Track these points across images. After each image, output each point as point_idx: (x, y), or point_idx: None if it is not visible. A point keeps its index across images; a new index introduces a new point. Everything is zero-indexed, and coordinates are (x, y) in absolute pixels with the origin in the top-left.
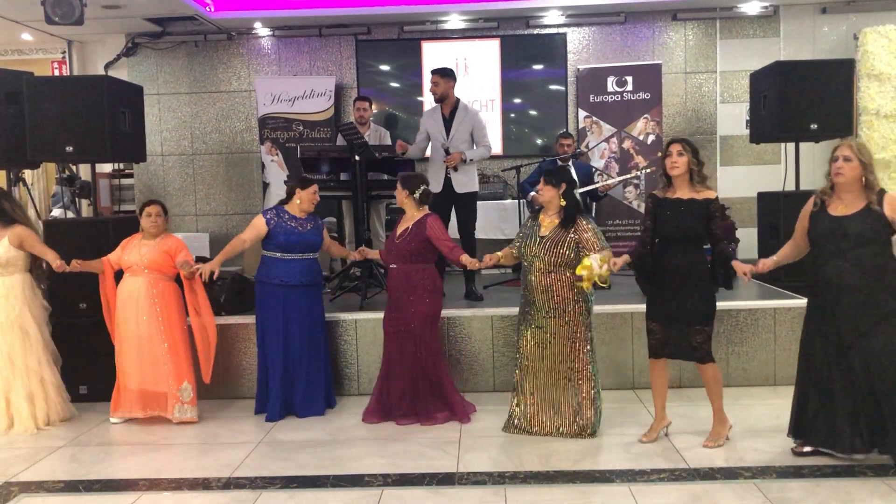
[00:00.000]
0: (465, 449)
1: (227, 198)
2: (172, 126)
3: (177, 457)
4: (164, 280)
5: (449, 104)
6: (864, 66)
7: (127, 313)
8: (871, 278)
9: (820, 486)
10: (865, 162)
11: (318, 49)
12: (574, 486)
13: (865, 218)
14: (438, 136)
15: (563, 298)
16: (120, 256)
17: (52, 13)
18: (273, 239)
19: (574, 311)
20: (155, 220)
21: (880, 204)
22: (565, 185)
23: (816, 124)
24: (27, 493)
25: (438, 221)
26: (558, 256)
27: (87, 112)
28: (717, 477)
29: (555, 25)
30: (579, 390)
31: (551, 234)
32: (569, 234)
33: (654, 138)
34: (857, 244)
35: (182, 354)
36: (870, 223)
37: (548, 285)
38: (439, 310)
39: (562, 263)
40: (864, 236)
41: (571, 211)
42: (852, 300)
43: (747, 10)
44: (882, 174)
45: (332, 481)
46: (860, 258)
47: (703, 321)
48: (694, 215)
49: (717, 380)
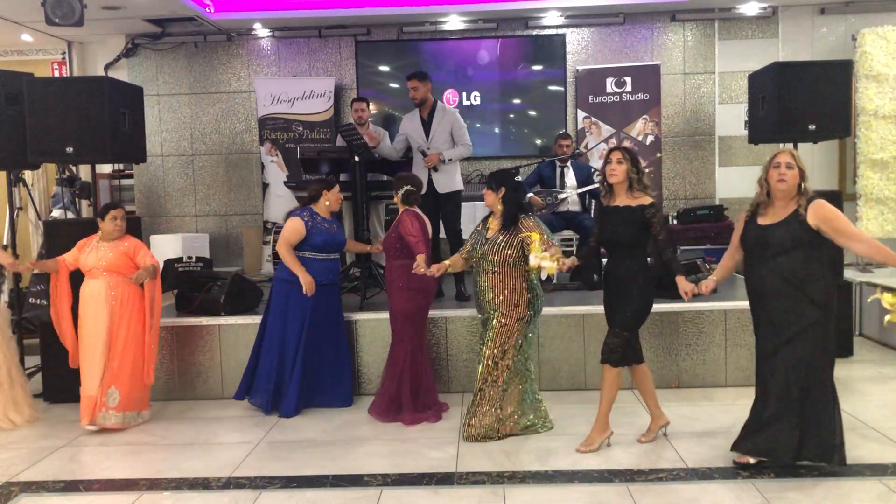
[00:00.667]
0: (464, 449)
1: (226, 198)
2: (172, 127)
3: (177, 456)
4: (123, 282)
5: (427, 107)
6: (863, 66)
7: (86, 317)
8: (792, 287)
9: (818, 485)
10: (803, 170)
11: (317, 50)
12: (573, 485)
13: (788, 226)
14: (418, 140)
15: (507, 299)
16: (77, 257)
17: (53, 14)
18: (309, 240)
19: (516, 311)
20: (119, 225)
21: (806, 212)
22: (504, 188)
23: (815, 125)
24: (28, 493)
25: (412, 217)
26: (502, 257)
27: (88, 113)
28: (716, 477)
29: (554, 26)
30: (515, 390)
31: (495, 235)
32: (512, 235)
33: (653, 139)
34: (779, 252)
35: (120, 358)
36: (792, 232)
37: (492, 285)
38: (416, 307)
39: (505, 263)
40: (784, 245)
41: (511, 213)
42: (776, 307)
43: (746, 10)
44: (880, 175)
45: (332, 481)
46: (781, 266)
47: (623, 326)
48: (628, 222)
49: (612, 386)
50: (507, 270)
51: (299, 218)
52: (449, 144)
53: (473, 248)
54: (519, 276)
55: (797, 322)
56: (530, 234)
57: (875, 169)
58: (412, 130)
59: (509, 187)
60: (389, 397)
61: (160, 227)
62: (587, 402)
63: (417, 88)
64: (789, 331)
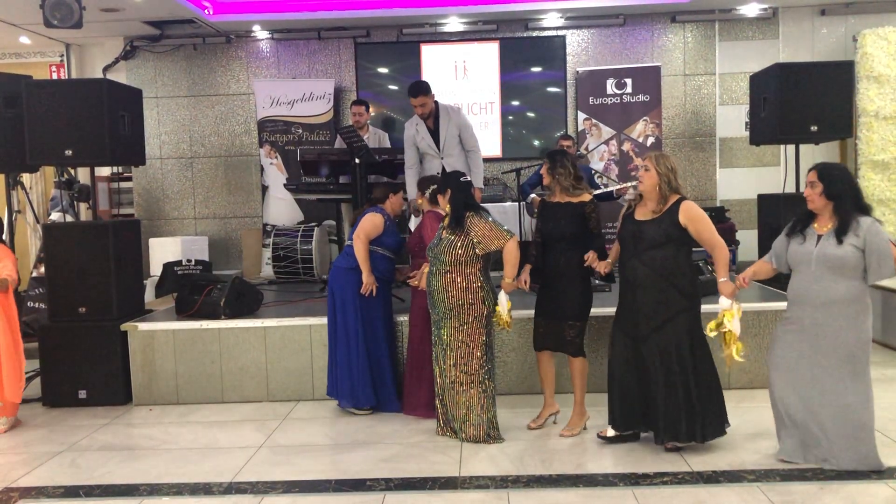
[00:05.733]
0: (468, 452)
1: (226, 201)
2: (171, 129)
3: (177, 461)
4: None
5: (431, 115)
6: (863, 67)
7: None
8: (662, 278)
9: (824, 489)
10: (661, 172)
11: (316, 52)
12: (577, 489)
13: (661, 223)
14: (429, 150)
15: (459, 300)
16: None
17: (51, 16)
18: (384, 238)
19: (469, 313)
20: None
21: (677, 211)
22: (450, 190)
23: (816, 126)
24: (27, 499)
25: (433, 219)
26: (454, 256)
27: (87, 115)
28: (721, 480)
29: (554, 28)
30: (470, 395)
31: (447, 236)
32: (462, 235)
33: (654, 140)
34: (650, 246)
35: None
36: (664, 228)
37: (445, 286)
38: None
39: (457, 262)
40: (656, 240)
41: (457, 213)
42: (647, 297)
43: (746, 12)
44: (881, 176)
45: (334, 486)
46: (653, 259)
47: (576, 316)
48: (569, 218)
49: (583, 374)
50: (459, 269)
51: (380, 215)
52: (459, 148)
53: (429, 249)
54: (471, 274)
55: (665, 311)
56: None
57: (876, 170)
58: (421, 142)
59: (454, 188)
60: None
61: (159, 230)
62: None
63: (426, 104)
64: (659, 318)
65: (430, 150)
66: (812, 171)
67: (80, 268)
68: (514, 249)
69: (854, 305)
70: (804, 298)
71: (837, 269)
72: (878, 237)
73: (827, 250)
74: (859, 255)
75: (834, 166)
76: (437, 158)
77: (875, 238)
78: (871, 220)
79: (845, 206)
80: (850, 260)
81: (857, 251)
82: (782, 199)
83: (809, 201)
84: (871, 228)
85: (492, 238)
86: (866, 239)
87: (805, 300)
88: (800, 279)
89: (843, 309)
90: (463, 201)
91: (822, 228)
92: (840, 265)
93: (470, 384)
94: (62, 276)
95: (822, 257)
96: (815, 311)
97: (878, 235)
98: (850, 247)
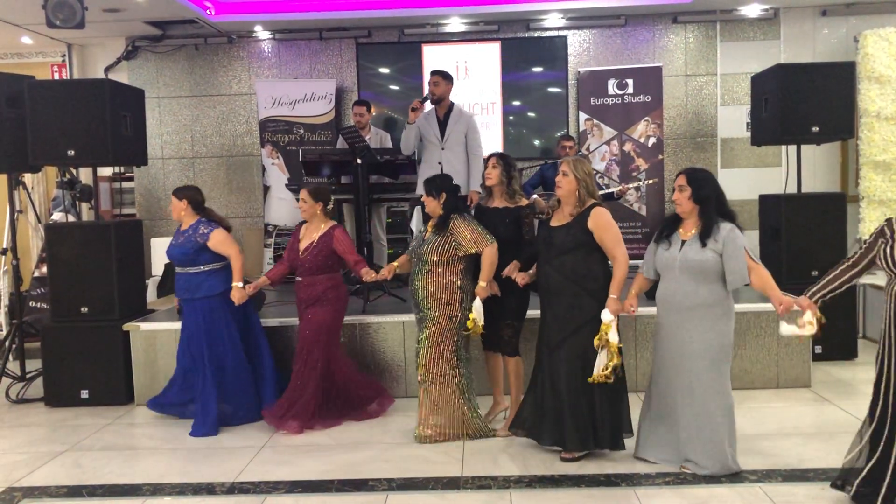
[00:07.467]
0: (470, 453)
1: (227, 201)
2: (173, 129)
3: (180, 461)
4: None
5: (444, 106)
6: (865, 68)
7: None
8: (573, 283)
9: (826, 490)
10: (580, 177)
11: (318, 52)
12: (579, 490)
13: (570, 229)
14: (432, 137)
15: (437, 300)
16: None
17: (54, 17)
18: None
19: (445, 314)
20: None
21: (588, 216)
22: (445, 194)
23: (818, 127)
24: (30, 499)
25: (345, 234)
26: (436, 256)
27: (89, 116)
28: (723, 481)
29: (555, 28)
30: (437, 396)
31: (431, 237)
32: (446, 237)
33: (655, 141)
34: (560, 252)
35: None
36: (573, 234)
37: (424, 286)
38: (341, 317)
39: (439, 263)
40: (565, 245)
41: (444, 216)
42: (559, 303)
43: (747, 12)
44: (883, 176)
45: (337, 486)
46: (563, 265)
47: (512, 317)
48: (506, 222)
49: (519, 374)
50: (440, 270)
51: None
52: (461, 146)
53: (412, 249)
54: (452, 274)
55: (579, 316)
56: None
57: (878, 171)
58: (426, 127)
59: (449, 192)
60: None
61: (161, 230)
62: None
63: (438, 84)
64: (573, 323)
65: (433, 139)
66: (681, 176)
67: (82, 268)
68: (492, 255)
69: (715, 309)
70: (670, 303)
71: (699, 273)
72: (734, 244)
73: (689, 255)
74: (718, 259)
75: (701, 171)
76: (438, 148)
77: (731, 245)
78: (731, 227)
79: (709, 211)
80: (711, 264)
81: (717, 256)
82: (784, 200)
83: (678, 205)
84: (730, 235)
85: (472, 242)
86: (724, 244)
87: (671, 305)
88: (666, 284)
89: (705, 312)
90: (454, 204)
91: (687, 234)
92: (701, 269)
93: (441, 384)
94: (64, 277)
95: (684, 262)
96: (680, 316)
97: (734, 242)
98: (711, 252)
